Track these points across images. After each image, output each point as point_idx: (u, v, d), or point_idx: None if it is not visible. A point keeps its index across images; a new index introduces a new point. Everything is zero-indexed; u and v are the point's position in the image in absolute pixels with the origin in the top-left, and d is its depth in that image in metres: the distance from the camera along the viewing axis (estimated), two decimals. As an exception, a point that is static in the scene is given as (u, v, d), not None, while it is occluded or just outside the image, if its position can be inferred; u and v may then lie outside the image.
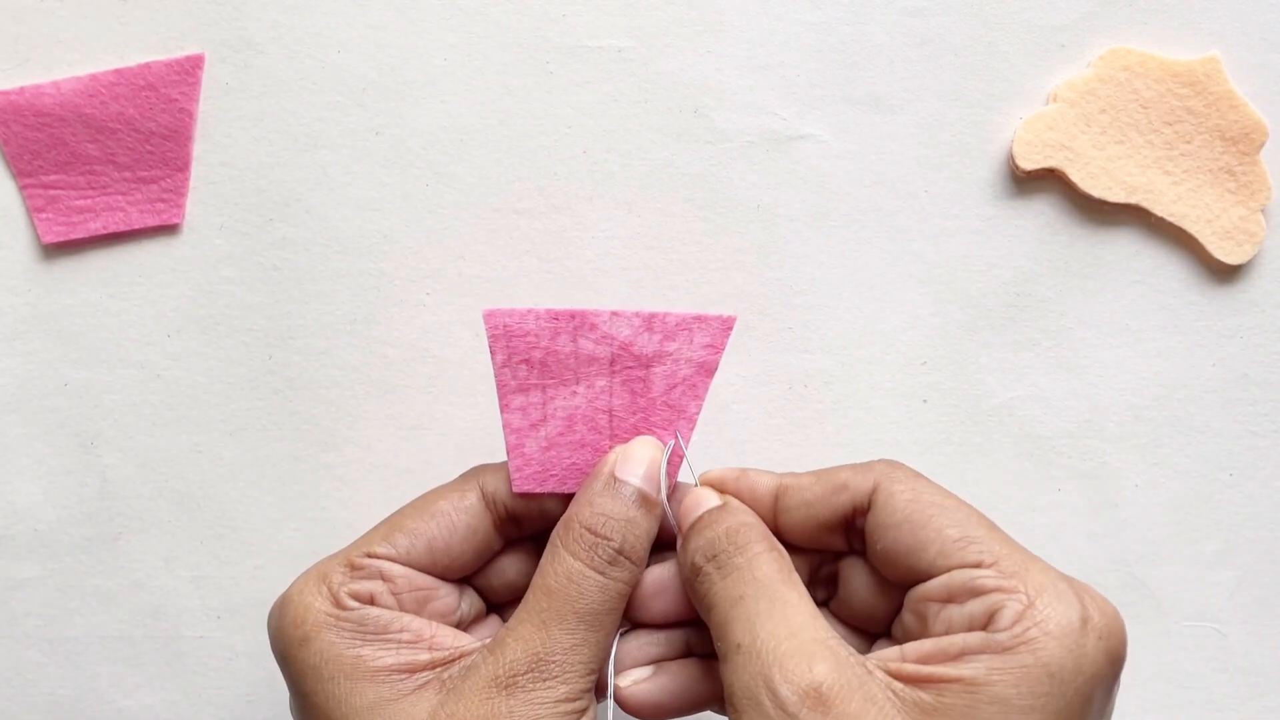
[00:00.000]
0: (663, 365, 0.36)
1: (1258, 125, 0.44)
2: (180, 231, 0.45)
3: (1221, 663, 0.45)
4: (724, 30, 0.44)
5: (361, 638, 0.33)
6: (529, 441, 0.36)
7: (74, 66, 0.44)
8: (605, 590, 0.34)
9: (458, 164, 0.45)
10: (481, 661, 0.33)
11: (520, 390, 0.36)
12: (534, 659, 0.32)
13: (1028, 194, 0.45)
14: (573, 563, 0.34)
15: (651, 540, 0.35)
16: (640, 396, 0.36)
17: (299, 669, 0.33)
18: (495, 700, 0.32)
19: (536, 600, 0.34)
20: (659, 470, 0.35)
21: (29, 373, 0.45)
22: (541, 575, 0.34)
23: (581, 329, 0.35)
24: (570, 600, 0.33)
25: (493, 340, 0.35)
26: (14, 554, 0.45)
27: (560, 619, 0.33)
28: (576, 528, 0.34)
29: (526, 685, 0.32)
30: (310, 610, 0.34)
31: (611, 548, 0.34)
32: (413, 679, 0.33)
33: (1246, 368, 0.45)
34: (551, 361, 0.35)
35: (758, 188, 0.44)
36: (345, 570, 0.34)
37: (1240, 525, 0.45)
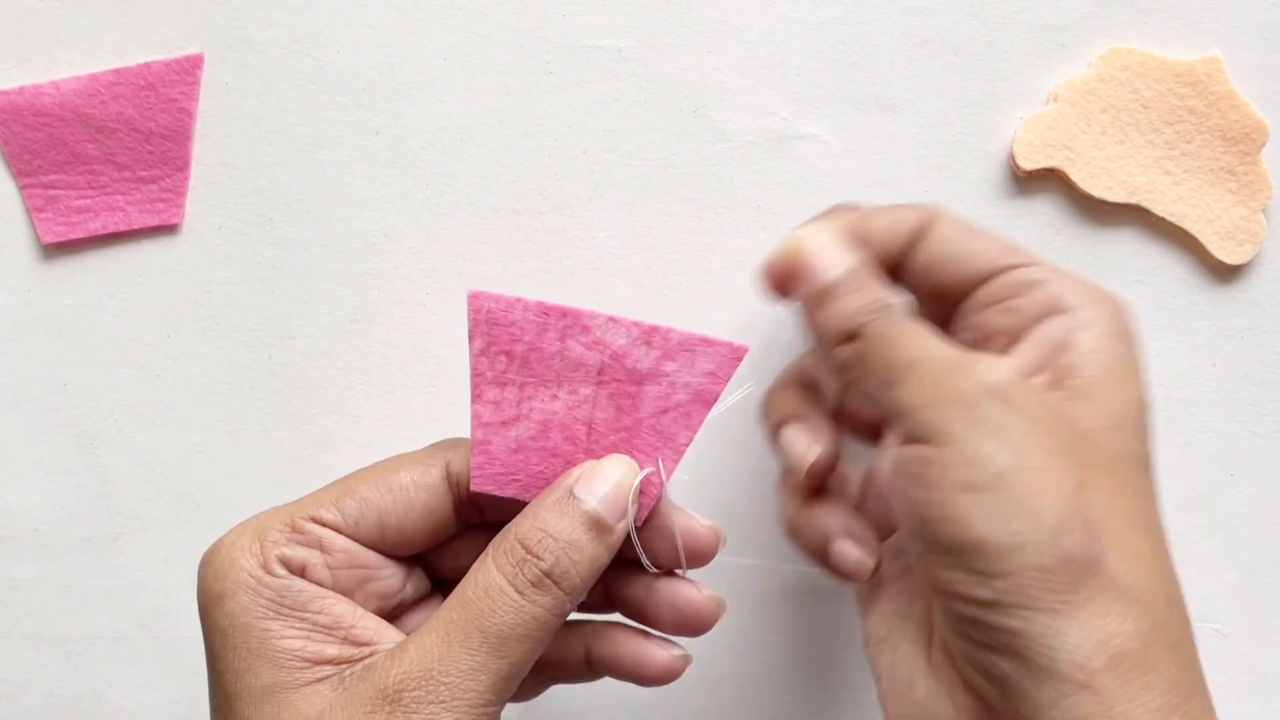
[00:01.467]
0: (656, 385, 0.33)
1: (1258, 125, 0.44)
2: (180, 231, 0.45)
3: (1221, 663, 0.45)
4: (724, 30, 0.44)
5: (276, 609, 0.31)
6: (497, 439, 0.33)
7: (74, 66, 0.44)
8: (519, 613, 0.31)
9: (458, 164, 0.45)
10: (380, 665, 0.31)
11: (496, 383, 0.33)
12: (426, 674, 0.30)
13: (1028, 194, 0.45)
14: (495, 575, 0.31)
15: (596, 572, 0.32)
16: (626, 414, 0.33)
17: (210, 627, 0.32)
18: (377, 715, 0.30)
19: (449, 609, 0.31)
20: (626, 495, 0.32)
21: (29, 373, 0.45)
22: (461, 586, 0.31)
23: (572, 330, 0.32)
24: (479, 616, 0.30)
25: (473, 325, 0.32)
26: (14, 554, 0.45)
27: (465, 635, 0.30)
28: (510, 539, 0.31)
29: (410, 705, 0.30)
30: (234, 567, 0.31)
31: (539, 568, 0.31)
32: (313, 670, 0.31)
33: (1246, 368, 0.45)
34: (534, 359, 0.33)
35: (758, 188, 0.44)
36: (284, 530, 0.32)
37: (1240, 525, 0.45)
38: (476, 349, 0.33)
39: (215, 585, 0.32)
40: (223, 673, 0.31)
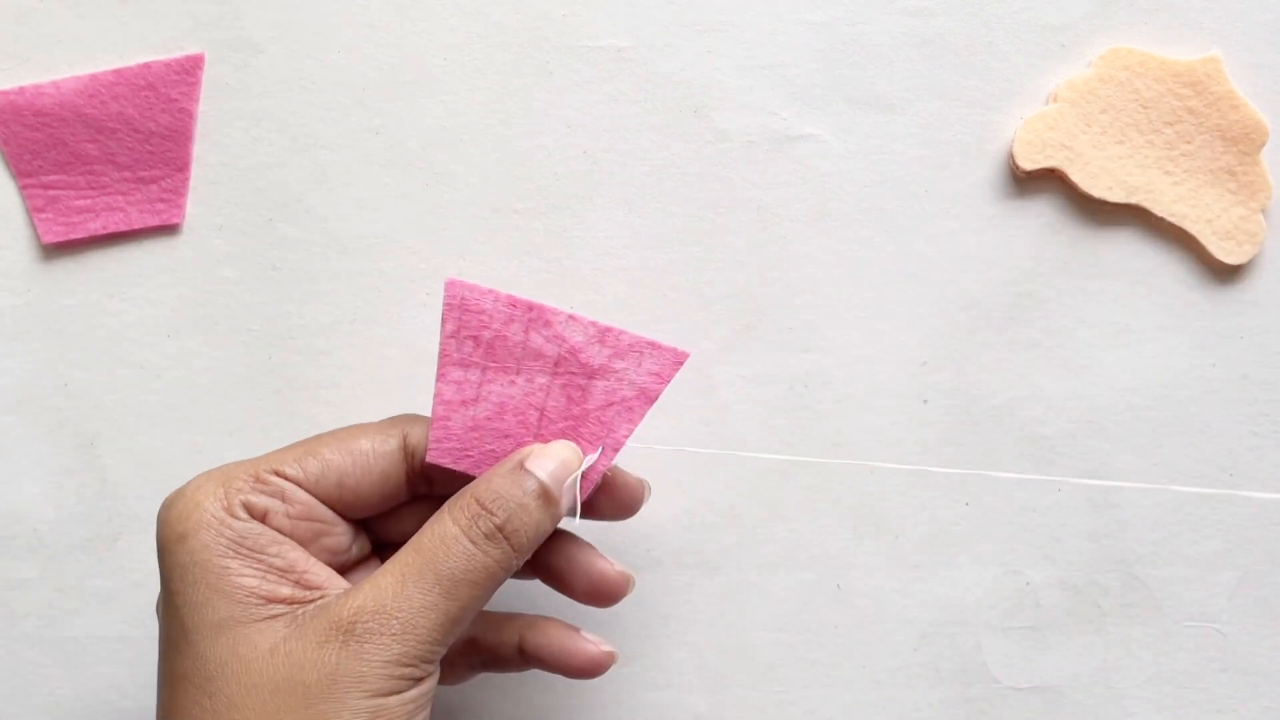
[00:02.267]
0: (605, 380, 0.36)
1: (1258, 125, 0.44)
2: (180, 231, 0.45)
3: (1221, 663, 0.45)
4: (724, 30, 0.44)
5: (235, 550, 0.33)
6: (456, 416, 0.36)
7: (74, 66, 0.44)
8: (472, 559, 0.33)
9: (458, 164, 0.45)
10: (333, 602, 0.33)
11: (461, 365, 0.35)
12: (380, 608, 0.32)
13: (1028, 194, 0.45)
14: (450, 526, 0.33)
15: (542, 536, 0.35)
16: (575, 404, 0.36)
17: (169, 564, 0.33)
18: (329, 645, 0.32)
19: (404, 555, 0.33)
20: (570, 474, 0.35)
21: (29, 373, 0.45)
22: (417, 535, 0.34)
23: (535, 323, 0.35)
24: (434, 560, 0.33)
25: (446, 309, 0.35)
26: (14, 554, 0.45)
27: (419, 575, 0.33)
28: (466, 498, 0.34)
29: (363, 635, 0.32)
30: (198, 509, 0.33)
31: (493, 522, 0.34)
32: (267, 607, 0.33)
33: (1246, 368, 0.45)
34: (499, 346, 0.35)
35: (758, 188, 0.44)
36: (248, 480, 0.34)
37: (1240, 525, 0.45)
38: (447, 331, 0.35)
39: (178, 525, 0.33)
40: (180, 607, 0.33)
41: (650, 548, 0.45)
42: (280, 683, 0.32)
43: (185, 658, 0.32)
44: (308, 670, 0.32)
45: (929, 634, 0.45)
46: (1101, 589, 0.45)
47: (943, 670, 0.45)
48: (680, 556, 0.45)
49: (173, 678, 0.33)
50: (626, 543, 0.45)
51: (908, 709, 0.44)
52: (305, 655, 0.32)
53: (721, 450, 0.45)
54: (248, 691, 0.32)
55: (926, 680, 0.45)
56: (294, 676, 0.32)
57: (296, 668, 0.32)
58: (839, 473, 0.45)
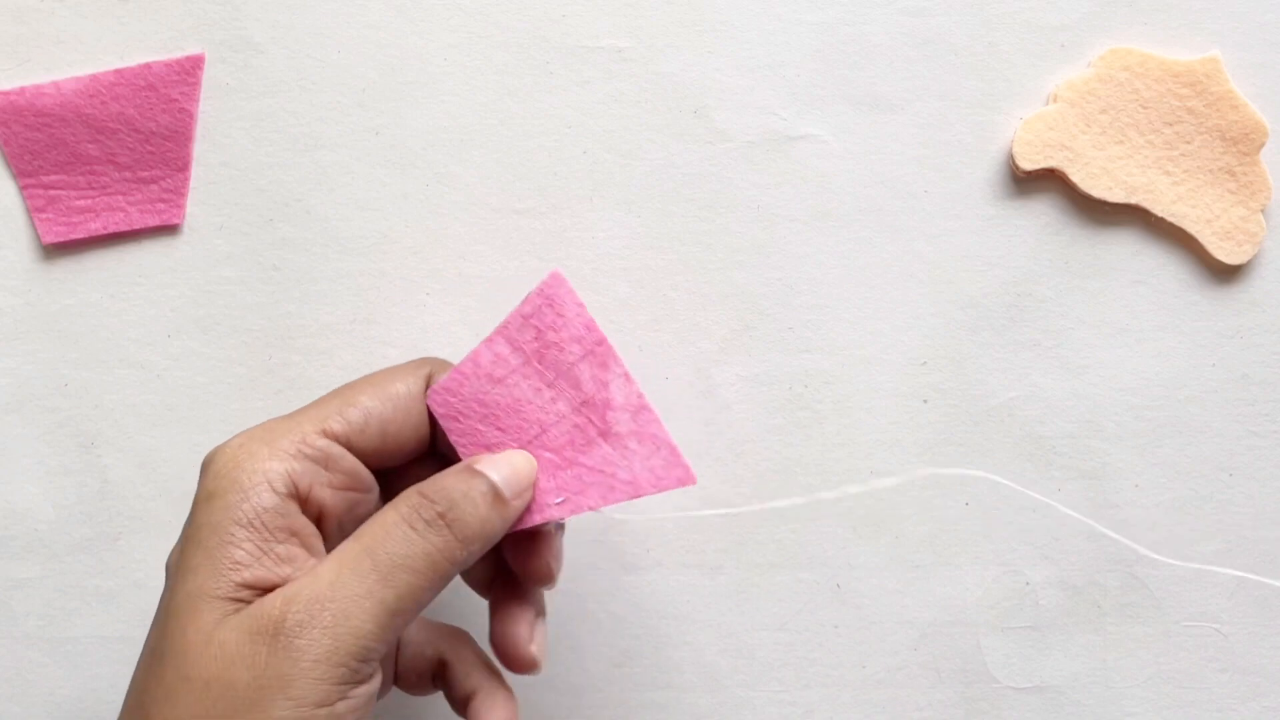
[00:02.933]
0: (612, 449, 0.35)
1: (1258, 125, 0.44)
2: (180, 231, 0.45)
3: (1221, 663, 0.45)
4: (724, 30, 0.44)
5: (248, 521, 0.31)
6: (473, 383, 0.36)
7: (74, 66, 0.44)
8: (410, 544, 0.32)
9: (458, 164, 0.45)
10: (269, 595, 0.31)
11: (511, 344, 0.35)
12: (313, 599, 0.30)
13: (1028, 194, 0.45)
14: (390, 514, 0.32)
15: (488, 533, 0.33)
16: (573, 449, 0.35)
17: (192, 522, 0.32)
18: (259, 640, 0.30)
19: (345, 544, 0.32)
20: (524, 481, 0.34)
21: (29, 373, 0.45)
22: (358, 529, 0.32)
23: (594, 357, 0.35)
24: (370, 546, 0.31)
25: (536, 294, 0.35)
26: (14, 554, 0.45)
27: (355, 561, 0.31)
28: (410, 492, 0.33)
29: (293, 629, 0.30)
30: (235, 469, 0.32)
31: (434, 509, 0.32)
32: (236, 590, 0.31)
33: (1246, 368, 0.45)
34: (552, 353, 0.35)
35: (758, 188, 0.44)
36: (294, 444, 0.33)
37: (1240, 525, 0.45)
38: (522, 310, 0.35)
39: (210, 483, 0.32)
40: (175, 573, 0.32)
41: (650, 548, 0.45)
42: (211, 679, 0.30)
43: (157, 631, 0.31)
44: (238, 668, 0.30)
45: (929, 634, 0.45)
46: (1101, 589, 0.45)
47: (943, 670, 0.45)
48: (680, 556, 0.45)
49: (148, 648, 0.32)
50: (627, 543, 0.45)
51: (908, 709, 0.44)
52: (237, 649, 0.30)
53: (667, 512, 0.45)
54: (182, 683, 0.30)
55: (926, 680, 0.45)
56: (224, 674, 0.30)
57: (228, 663, 0.30)
58: (839, 472, 0.45)
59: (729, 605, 0.45)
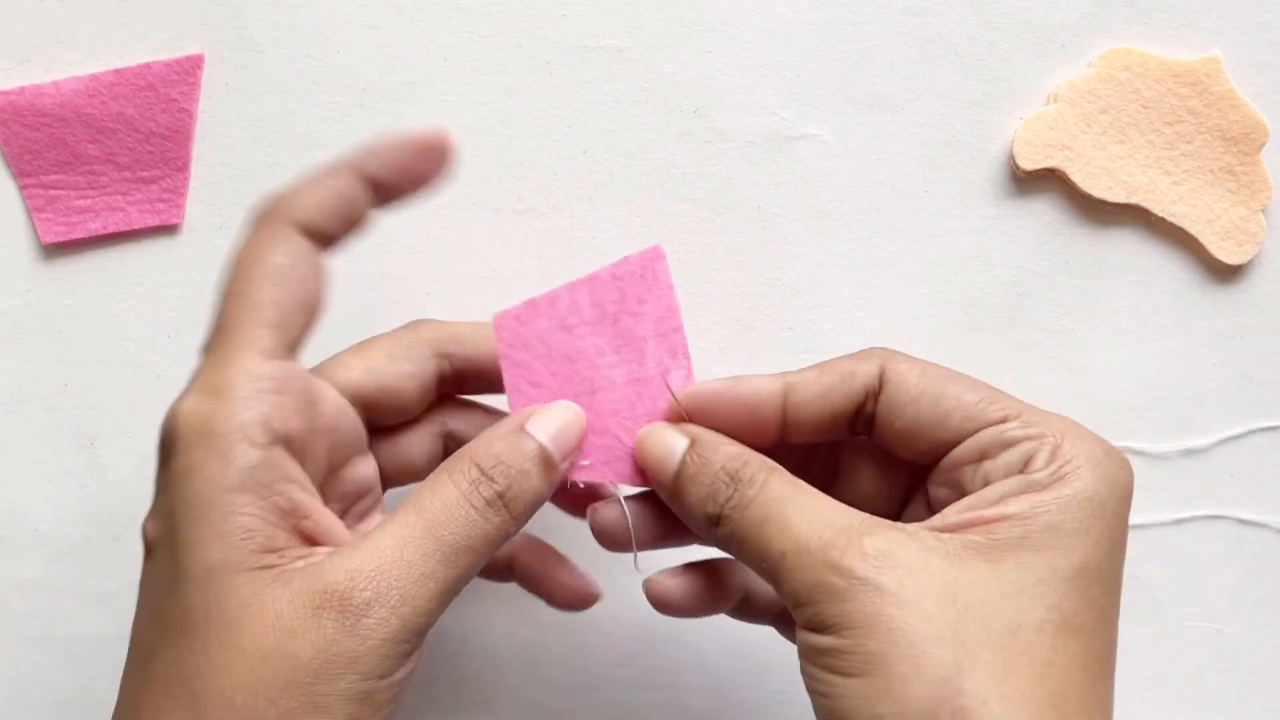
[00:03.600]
0: None
1: (1258, 125, 0.44)
2: (180, 231, 0.45)
3: (1221, 663, 0.45)
4: (724, 30, 0.44)
5: (243, 484, 0.30)
6: (545, 322, 0.35)
7: (74, 66, 0.44)
8: (473, 526, 0.31)
9: (458, 164, 0.45)
10: (328, 563, 0.30)
11: (592, 297, 0.35)
12: (378, 575, 0.30)
13: (1028, 194, 0.45)
14: (451, 489, 0.32)
15: (538, 504, 0.33)
16: (616, 420, 0.35)
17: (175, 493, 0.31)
18: (325, 616, 0.29)
19: (404, 516, 0.31)
20: (573, 439, 0.34)
21: (29, 373, 0.45)
22: (417, 495, 0.32)
23: (666, 340, 0.35)
24: (436, 525, 0.31)
25: (636, 259, 0.35)
26: (14, 554, 0.45)
27: (420, 541, 0.31)
28: (466, 460, 0.32)
29: (361, 608, 0.30)
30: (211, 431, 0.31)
31: (494, 489, 0.32)
32: (260, 556, 0.30)
33: (1246, 368, 0.45)
34: (628, 319, 0.35)
35: (758, 188, 0.44)
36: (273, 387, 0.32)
37: (1240, 526, 0.45)
38: (614, 269, 0.35)
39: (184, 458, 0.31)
40: (177, 544, 0.30)
41: (650, 548, 0.45)
42: (269, 651, 0.29)
43: (176, 602, 0.30)
44: (300, 641, 0.29)
45: (929, 634, 0.45)
46: (1101, 589, 0.45)
47: (943, 670, 0.45)
48: (680, 557, 0.45)
49: (162, 619, 0.31)
50: (626, 543, 0.45)
51: (908, 709, 0.44)
52: (297, 622, 0.29)
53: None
54: (232, 653, 0.29)
55: (926, 680, 0.45)
56: (284, 646, 0.29)
57: (287, 635, 0.29)
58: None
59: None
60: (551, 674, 0.45)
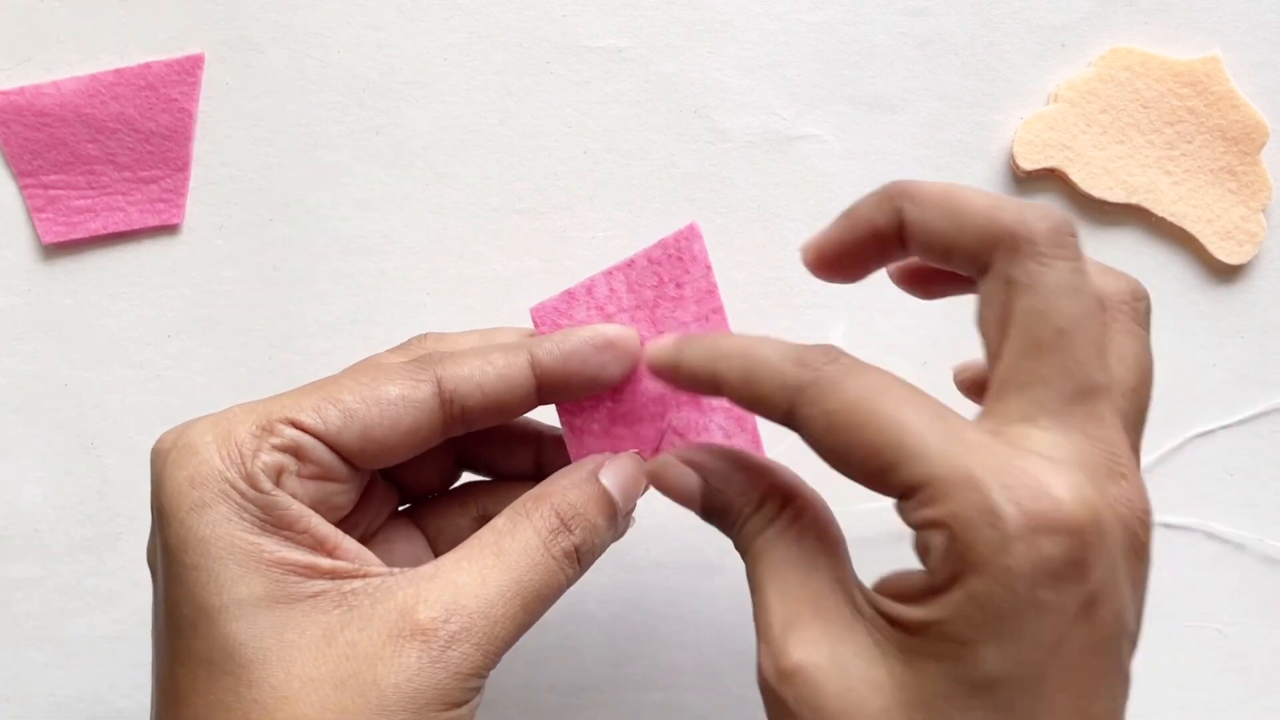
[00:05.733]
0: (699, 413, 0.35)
1: (1259, 125, 0.44)
2: (180, 231, 0.45)
3: (1221, 663, 0.45)
4: (724, 30, 0.44)
5: (261, 526, 0.29)
6: (582, 311, 0.34)
7: (74, 66, 0.44)
8: (551, 576, 0.31)
9: (458, 164, 0.45)
10: (398, 590, 0.30)
11: (629, 286, 0.34)
12: (465, 614, 0.29)
13: (1028, 194, 0.45)
14: (533, 537, 0.31)
15: (601, 554, 0.33)
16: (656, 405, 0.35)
17: (183, 536, 0.29)
18: (407, 646, 0.29)
19: (484, 557, 0.31)
20: (638, 490, 0.34)
21: (29, 373, 0.45)
22: (497, 535, 0.31)
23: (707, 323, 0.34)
24: (519, 571, 0.31)
25: (671, 245, 0.34)
26: (14, 554, 0.45)
27: (502, 585, 0.30)
28: (546, 507, 0.32)
29: (448, 641, 0.29)
30: (213, 473, 0.29)
31: (572, 542, 0.32)
32: (310, 583, 0.29)
33: (1246, 368, 0.45)
34: (665, 309, 0.34)
35: (758, 188, 0.44)
36: (258, 434, 0.30)
37: (1240, 526, 0.45)
38: (651, 254, 0.34)
39: (191, 491, 0.29)
40: (198, 583, 0.29)
41: (650, 548, 0.45)
42: (345, 678, 0.28)
43: (208, 639, 0.29)
44: (380, 669, 0.29)
45: (929, 634, 0.45)
46: (1101, 589, 0.45)
47: (943, 670, 0.45)
48: (680, 556, 0.45)
49: (187, 659, 0.29)
50: (627, 543, 0.44)
51: (908, 709, 0.44)
52: (374, 650, 0.29)
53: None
54: (302, 684, 0.28)
55: (926, 680, 0.45)
56: (363, 673, 0.28)
57: (365, 663, 0.29)
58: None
59: (729, 605, 0.45)
60: (551, 674, 0.45)
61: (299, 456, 0.30)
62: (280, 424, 0.30)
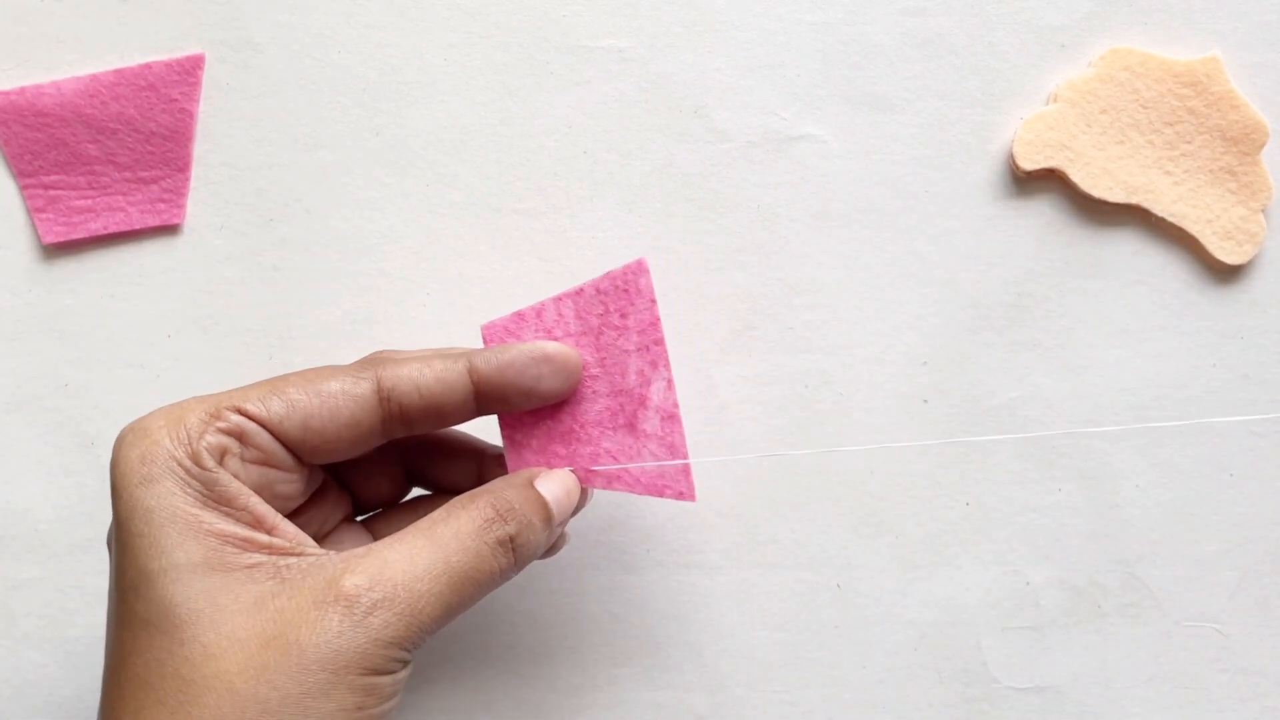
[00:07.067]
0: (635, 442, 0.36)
1: (1258, 125, 0.44)
2: (180, 231, 0.45)
3: (1221, 663, 0.45)
4: (724, 30, 0.44)
5: (203, 500, 0.32)
6: (531, 334, 0.36)
7: (74, 66, 0.44)
8: (481, 561, 0.33)
9: (458, 164, 0.45)
10: (329, 565, 0.32)
11: (576, 308, 0.36)
12: (386, 582, 0.31)
13: (1028, 194, 0.45)
14: (467, 524, 0.33)
15: (536, 556, 0.35)
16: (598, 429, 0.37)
17: (131, 506, 0.31)
18: (330, 610, 0.31)
19: (414, 539, 0.33)
20: (568, 509, 0.36)
21: (29, 373, 0.45)
22: (428, 523, 0.33)
23: (647, 353, 0.36)
24: (447, 552, 0.33)
25: (621, 272, 0.36)
26: (14, 554, 0.45)
27: (429, 562, 0.32)
28: (482, 501, 0.34)
29: (369, 608, 0.31)
30: (160, 451, 0.32)
31: (506, 531, 0.34)
32: (245, 555, 0.31)
33: (1246, 368, 0.45)
34: (609, 332, 0.36)
35: (758, 188, 0.44)
36: (206, 418, 0.32)
37: (1240, 525, 0.45)
38: (599, 283, 0.36)
39: (140, 467, 0.32)
40: (141, 549, 0.31)
41: (650, 548, 0.45)
42: (270, 638, 0.30)
43: (147, 602, 0.31)
44: (303, 630, 0.30)
45: (929, 634, 0.45)
46: (1101, 589, 0.45)
47: (943, 670, 0.45)
48: (680, 556, 0.45)
49: (130, 621, 0.31)
50: (627, 543, 0.45)
51: (908, 709, 0.44)
52: (299, 613, 0.31)
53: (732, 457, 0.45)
54: (230, 643, 0.30)
55: (926, 680, 0.45)
56: (286, 634, 0.30)
57: (289, 625, 0.30)
58: (839, 472, 0.45)
59: (729, 605, 0.45)
60: (551, 674, 0.45)
61: (243, 440, 0.33)
62: (227, 410, 0.33)
